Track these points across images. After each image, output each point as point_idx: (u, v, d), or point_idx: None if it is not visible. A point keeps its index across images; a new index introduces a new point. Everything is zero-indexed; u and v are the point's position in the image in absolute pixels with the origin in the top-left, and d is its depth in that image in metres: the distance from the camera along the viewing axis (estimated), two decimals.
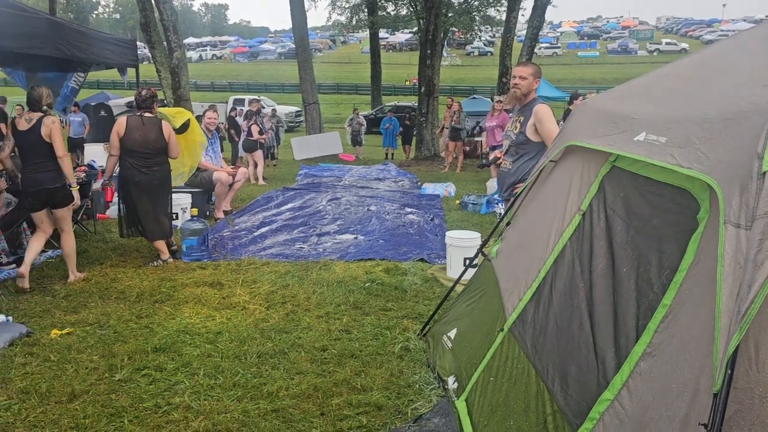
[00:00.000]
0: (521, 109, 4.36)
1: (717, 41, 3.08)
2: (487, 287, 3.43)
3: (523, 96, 4.34)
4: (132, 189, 5.61)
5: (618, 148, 2.47)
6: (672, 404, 1.60)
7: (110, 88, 33.16)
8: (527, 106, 4.28)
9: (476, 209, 8.67)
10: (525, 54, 16.69)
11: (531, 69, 4.35)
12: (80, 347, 3.78)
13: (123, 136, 5.56)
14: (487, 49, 63.51)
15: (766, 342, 1.43)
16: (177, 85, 14.27)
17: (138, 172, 5.55)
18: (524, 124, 4.25)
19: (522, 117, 4.31)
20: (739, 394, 1.41)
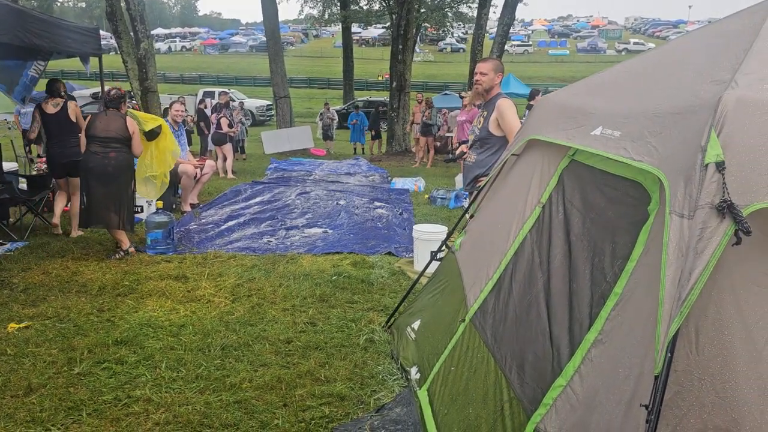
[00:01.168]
0: (485, 105, 4.41)
1: (672, 39, 3.16)
2: (451, 279, 3.47)
3: (485, 92, 4.39)
4: (88, 175, 5.62)
5: (576, 142, 2.52)
6: (619, 388, 1.65)
7: (75, 79, 32.39)
8: (491, 101, 4.33)
9: (445, 204, 8.74)
10: (495, 51, 16.82)
11: (492, 65, 4.38)
12: (38, 341, 3.72)
13: (87, 128, 5.64)
14: (460, 45, 63.87)
15: (705, 327, 1.48)
16: (144, 76, 14.01)
17: (94, 157, 5.57)
18: (487, 119, 4.31)
19: (485, 112, 4.37)
20: (679, 377, 1.46)
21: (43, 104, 6.29)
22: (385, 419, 2.87)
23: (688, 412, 1.45)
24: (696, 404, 1.45)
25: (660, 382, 1.40)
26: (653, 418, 1.38)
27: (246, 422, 2.84)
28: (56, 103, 6.27)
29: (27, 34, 5.22)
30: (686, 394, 1.46)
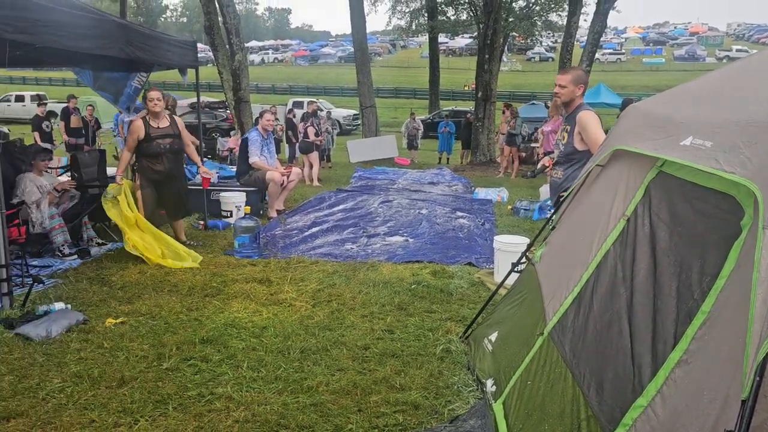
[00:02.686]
0: (568, 118, 4.28)
1: None
2: (530, 291, 3.40)
3: (564, 105, 4.27)
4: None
5: (664, 152, 2.41)
6: (703, 411, 1.56)
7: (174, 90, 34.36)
8: (572, 114, 4.19)
9: (528, 215, 8.56)
10: (585, 60, 16.34)
11: (571, 76, 4.21)
12: (132, 336, 3.95)
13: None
14: (549, 54, 62.51)
15: None
16: (238, 87, 14.67)
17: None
18: (570, 134, 4.18)
19: (568, 126, 4.24)
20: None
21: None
22: (459, 430, 2.83)
23: None
24: None
25: (747, 407, 1.30)
26: None
27: (321, 425, 2.89)
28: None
29: (131, 48, 5.61)
30: None
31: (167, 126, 5.90)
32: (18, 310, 4.29)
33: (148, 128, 5.80)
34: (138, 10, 65.31)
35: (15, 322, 4.02)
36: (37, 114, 13.97)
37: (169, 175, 6.02)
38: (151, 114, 5.82)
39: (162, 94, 5.94)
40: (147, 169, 5.98)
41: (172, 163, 6.02)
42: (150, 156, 5.90)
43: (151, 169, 5.95)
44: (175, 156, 6.04)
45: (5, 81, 39.09)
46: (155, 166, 5.93)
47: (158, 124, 5.84)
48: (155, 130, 5.83)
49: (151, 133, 5.82)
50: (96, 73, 6.59)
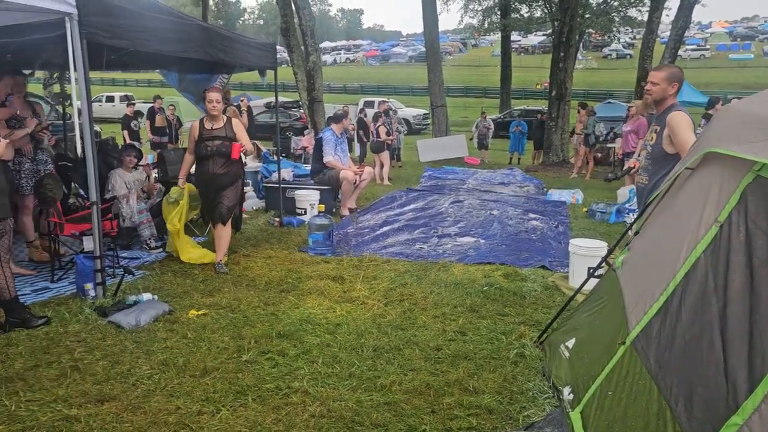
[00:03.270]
0: (658, 118, 4.07)
1: None
2: (610, 298, 3.29)
3: (655, 103, 4.07)
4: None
5: (763, 156, 2.28)
6: None
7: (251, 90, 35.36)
8: (662, 114, 3.99)
9: (605, 218, 8.29)
10: (667, 56, 15.68)
11: (665, 73, 4.00)
12: (213, 328, 4.11)
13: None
14: (627, 51, 60.32)
15: None
16: (312, 87, 14.95)
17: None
18: (660, 135, 3.98)
19: (658, 127, 4.05)
20: None
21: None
22: None
23: None
24: None
25: None
26: None
27: (395, 424, 2.91)
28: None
29: (215, 51, 5.80)
30: None
31: (220, 128, 5.52)
32: (110, 300, 4.54)
33: (201, 129, 5.53)
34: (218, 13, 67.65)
35: (107, 310, 4.26)
36: (126, 113, 14.73)
37: (214, 179, 5.53)
38: (208, 116, 5.56)
39: (222, 96, 5.70)
40: (196, 172, 5.68)
41: (222, 167, 5.50)
42: (199, 158, 5.58)
43: (199, 170, 5.63)
44: (225, 160, 5.49)
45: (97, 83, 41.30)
46: (201, 168, 5.58)
47: (212, 126, 5.53)
48: (207, 131, 5.51)
49: (203, 135, 5.51)
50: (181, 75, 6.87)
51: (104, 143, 7.72)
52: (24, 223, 5.56)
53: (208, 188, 5.63)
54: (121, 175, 6.30)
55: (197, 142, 5.52)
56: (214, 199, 5.60)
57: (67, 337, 3.90)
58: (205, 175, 5.56)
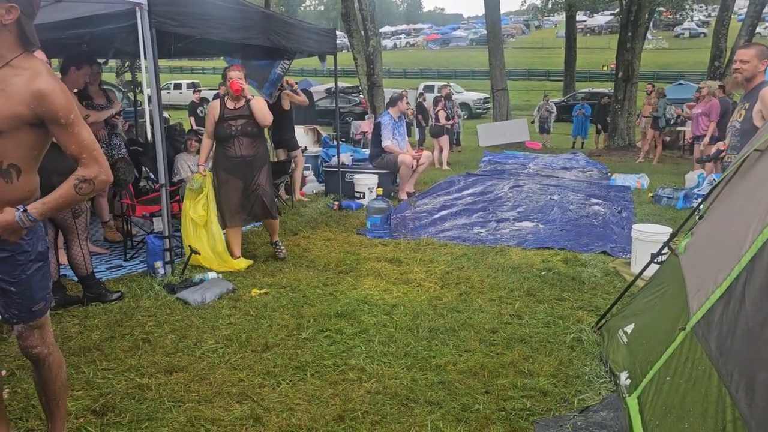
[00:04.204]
0: (747, 95, 4.02)
1: None
2: (672, 283, 3.21)
3: (745, 81, 4.00)
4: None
5: None
6: None
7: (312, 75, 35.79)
8: (753, 90, 3.93)
9: (671, 203, 8.02)
10: (744, 34, 14.89)
11: (755, 50, 4.01)
12: (274, 306, 4.25)
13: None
14: (700, 30, 57.50)
15: None
16: (371, 71, 15.01)
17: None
18: (750, 110, 3.91)
19: (747, 104, 3.96)
20: None
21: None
22: (589, 421, 2.77)
23: None
24: None
25: None
26: None
27: (449, 402, 2.96)
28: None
29: (276, 37, 5.93)
30: None
31: (242, 106, 5.10)
32: (178, 277, 4.77)
33: (223, 109, 5.10)
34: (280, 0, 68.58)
35: (176, 287, 4.48)
36: (192, 100, 15.24)
37: (245, 162, 5.12)
38: (230, 96, 5.14)
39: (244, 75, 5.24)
40: (221, 156, 5.18)
41: (248, 148, 5.10)
42: (221, 140, 5.11)
43: (224, 155, 5.13)
44: (251, 141, 5.11)
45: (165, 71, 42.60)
46: (227, 151, 5.10)
47: (235, 105, 5.10)
48: (229, 111, 5.09)
49: (225, 114, 5.08)
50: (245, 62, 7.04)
51: (172, 128, 8.03)
52: (100, 204, 5.89)
53: (236, 174, 5.15)
54: (185, 159, 6.55)
55: (218, 122, 5.08)
56: (246, 188, 5.17)
57: (139, 311, 4.13)
58: (232, 159, 5.10)
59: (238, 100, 5.12)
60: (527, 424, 2.78)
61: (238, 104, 5.11)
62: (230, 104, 5.13)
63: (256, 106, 5.12)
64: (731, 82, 3.59)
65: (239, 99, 5.11)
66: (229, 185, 5.17)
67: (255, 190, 5.20)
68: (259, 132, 5.22)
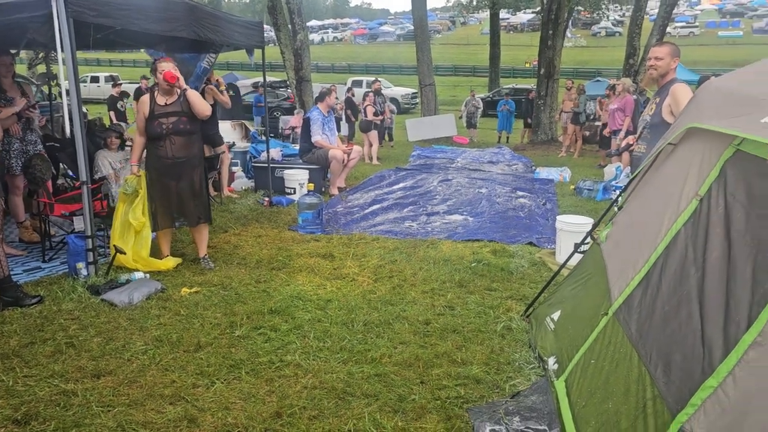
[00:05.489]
0: (658, 91, 4.26)
1: None
2: (594, 271, 3.38)
3: (660, 77, 4.24)
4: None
5: (743, 130, 2.35)
6: None
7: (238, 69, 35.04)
8: (665, 86, 4.17)
9: (591, 195, 8.40)
10: (656, 34, 15.71)
11: (668, 49, 4.26)
12: (206, 305, 4.16)
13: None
14: (616, 29, 60.37)
15: None
16: (299, 66, 14.85)
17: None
18: (660, 105, 4.15)
19: (658, 98, 4.20)
20: None
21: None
22: (521, 405, 2.88)
23: None
24: None
25: None
26: None
27: (385, 394, 3.00)
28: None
29: (202, 29, 5.77)
30: None
31: (174, 102, 4.79)
32: (102, 278, 4.58)
33: (153, 104, 4.77)
34: None
35: (100, 288, 4.31)
36: (112, 94, 14.62)
37: (177, 164, 4.80)
38: (161, 89, 4.81)
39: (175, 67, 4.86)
40: (152, 156, 4.86)
41: (181, 149, 4.79)
42: (152, 139, 4.78)
43: (155, 155, 4.81)
44: (184, 140, 4.79)
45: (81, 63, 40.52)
46: (159, 151, 4.77)
47: (166, 101, 4.78)
48: (160, 107, 4.76)
49: (155, 110, 4.75)
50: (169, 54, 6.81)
51: (92, 124, 7.68)
52: (14, 203, 5.57)
53: (168, 175, 4.84)
54: (106, 156, 6.29)
55: (148, 119, 4.75)
56: (179, 190, 4.89)
57: (61, 315, 3.94)
58: (163, 159, 4.79)
59: (170, 94, 4.81)
60: (461, 411, 2.85)
61: (169, 99, 4.81)
62: (161, 100, 4.81)
63: (193, 97, 4.82)
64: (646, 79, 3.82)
65: (171, 93, 4.81)
66: (161, 187, 4.88)
67: (188, 193, 4.94)
68: (193, 129, 4.90)
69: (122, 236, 4.89)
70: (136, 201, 4.86)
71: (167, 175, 4.85)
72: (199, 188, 5.01)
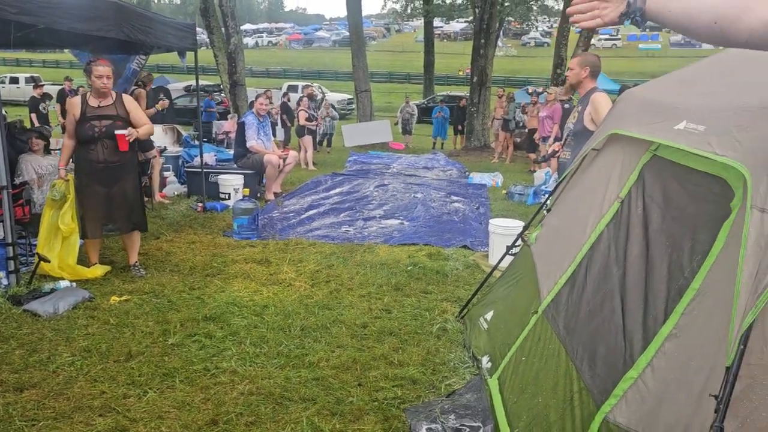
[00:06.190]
0: (581, 100, 4.45)
1: None
2: (525, 272, 3.50)
3: (572, 86, 4.45)
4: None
5: (659, 136, 2.50)
6: (690, 380, 1.66)
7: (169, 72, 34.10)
8: (586, 95, 4.37)
9: (523, 200, 8.66)
10: (581, 45, 16.37)
11: (578, 59, 4.52)
12: (137, 313, 4.04)
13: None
14: (544, 39, 62.48)
15: None
16: (233, 70, 14.64)
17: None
18: (582, 113, 4.34)
19: (581, 107, 4.40)
20: (752, 370, 1.46)
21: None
22: (456, 404, 2.94)
23: (759, 406, 1.45)
24: None
25: (731, 374, 1.41)
26: (722, 408, 1.39)
27: (323, 398, 3.00)
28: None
29: (132, 30, 5.60)
30: (758, 388, 1.46)
31: (109, 105, 4.63)
32: (24, 288, 4.36)
33: (84, 106, 4.59)
34: None
35: (22, 299, 4.10)
36: (33, 96, 13.93)
37: (109, 168, 4.62)
38: (94, 91, 4.63)
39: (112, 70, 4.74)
40: (82, 160, 4.67)
41: (114, 153, 4.59)
42: (83, 142, 4.58)
43: (86, 159, 4.62)
44: (116, 145, 4.59)
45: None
46: (90, 155, 4.58)
47: (99, 103, 4.61)
48: (92, 109, 4.58)
49: (87, 113, 4.57)
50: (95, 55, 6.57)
51: (12, 126, 7.31)
52: None
53: (99, 180, 4.65)
54: (29, 160, 6.01)
55: (79, 121, 4.56)
56: (110, 196, 4.70)
57: None
58: (94, 164, 4.59)
59: (104, 97, 4.64)
60: (399, 411, 2.89)
61: (103, 101, 4.63)
62: (94, 101, 4.62)
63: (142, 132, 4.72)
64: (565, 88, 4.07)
65: (106, 96, 4.65)
66: (92, 193, 4.66)
67: (121, 199, 4.76)
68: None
69: (48, 243, 4.69)
70: (65, 207, 4.67)
71: (98, 180, 4.65)
72: (134, 194, 4.85)
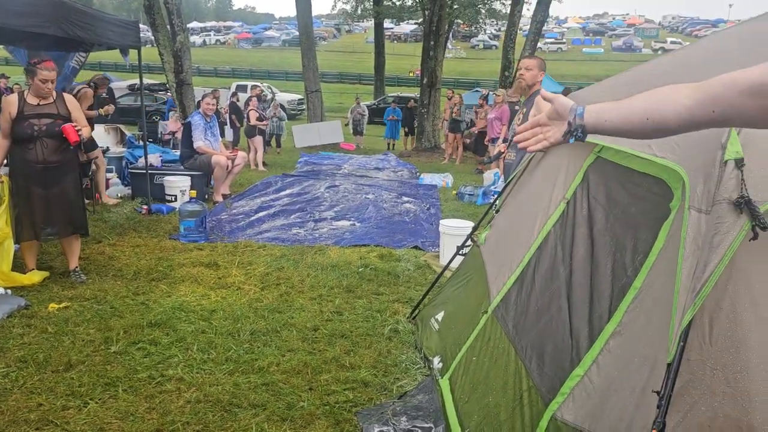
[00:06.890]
0: (526, 101, 4.53)
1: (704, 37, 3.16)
2: (475, 272, 3.53)
3: (527, 87, 4.52)
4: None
5: (602, 138, 2.55)
6: (633, 376, 1.70)
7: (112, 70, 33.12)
8: (531, 97, 4.45)
9: (472, 200, 8.77)
10: (528, 48, 16.73)
11: (536, 61, 4.59)
12: (77, 321, 3.88)
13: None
14: (492, 42, 63.59)
15: (719, 319, 1.52)
16: (179, 69, 14.29)
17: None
18: (527, 115, 4.41)
19: (525, 108, 4.47)
20: (691, 366, 1.50)
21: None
22: (407, 405, 2.94)
23: (699, 400, 1.49)
24: (707, 393, 1.49)
25: (672, 370, 1.45)
26: (664, 403, 1.43)
27: (273, 403, 2.95)
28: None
29: (70, 26, 5.40)
30: (698, 383, 1.50)
31: (49, 104, 4.46)
32: None
33: (22, 104, 4.41)
34: None
35: None
36: None
37: (48, 169, 4.45)
38: (33, 90, 4.45)
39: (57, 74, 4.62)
40: (18, 160, 4.47)
41: (54, 153, 4.43)
42: (20, 141, 4.40)
43: (23, 159, 4.43)
44: (58, 144, 4.44)
45: None
46: (27, 155, 4.40)
47: (38, 101, 4.44)
48: (31, 107, 4.41)
49: (25, 111, 4.39)
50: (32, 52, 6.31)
51: None
52: None
53: (37, 182, 4.47)
54: None
55: (16, 120, 4.37)
56: (48, 198, 4.51)
57: None
58: (32, 164, 4.41)
59: (45, 96, 4.47)
60: (350, 415, 2.87)
61: (43, 100, 4.47)
62: (33, 99, 4.45)
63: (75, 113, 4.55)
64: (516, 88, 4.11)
65: (48, 96, 4.48)
66: (28, 195, 4.47)
67: (60, 201, 4.56)
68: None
69: None
70: (0, 210, 4.47)
71: (36, 181, 4.47)
72: (75, 196, 4.68)
